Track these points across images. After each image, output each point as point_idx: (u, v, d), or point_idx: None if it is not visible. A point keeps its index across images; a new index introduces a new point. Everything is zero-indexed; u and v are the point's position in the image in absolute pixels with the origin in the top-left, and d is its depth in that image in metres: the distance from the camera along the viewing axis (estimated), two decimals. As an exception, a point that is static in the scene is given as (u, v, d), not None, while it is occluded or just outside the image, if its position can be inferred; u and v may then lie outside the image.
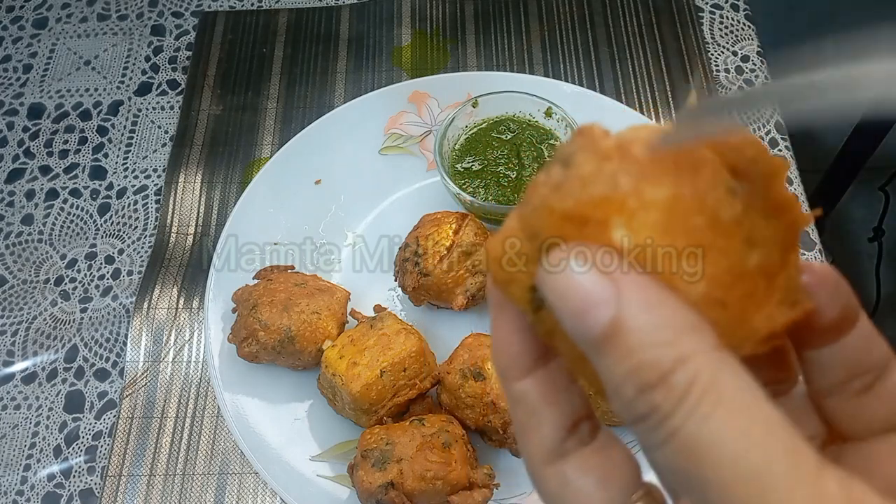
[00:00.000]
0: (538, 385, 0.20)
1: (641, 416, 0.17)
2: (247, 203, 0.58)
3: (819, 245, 0.59)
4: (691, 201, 0.18)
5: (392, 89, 0.64)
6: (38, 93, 0.70)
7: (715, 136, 0.19)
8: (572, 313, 0.17)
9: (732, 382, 0.16)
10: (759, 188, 0.19)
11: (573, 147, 0.19)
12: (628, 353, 0.17)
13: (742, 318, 0.18)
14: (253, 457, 0.47)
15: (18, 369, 0.56)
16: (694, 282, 0.18)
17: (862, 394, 0.21)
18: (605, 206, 0.18)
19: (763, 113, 0.64)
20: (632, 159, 0.18)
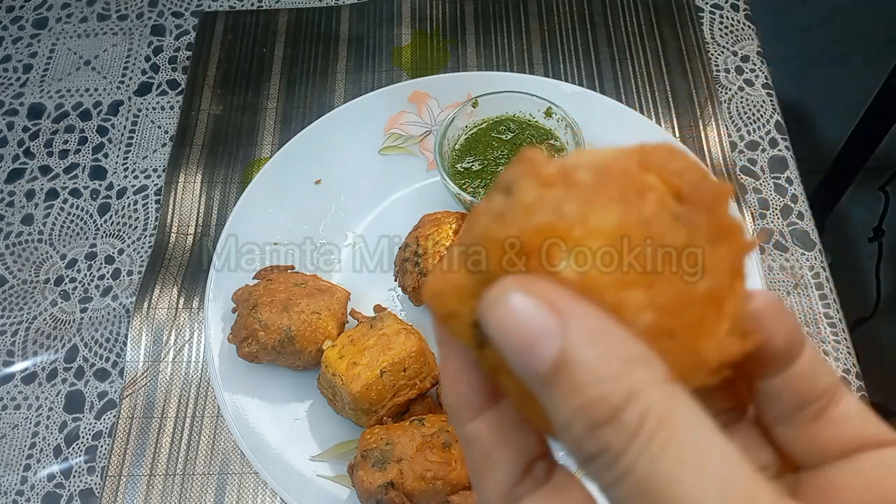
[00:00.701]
0: (490, 426, 0.20)
1: (592, 455, 0.16)
2: (247, 203, 0.58)
3: (819, 245, 0.59)
4: (637, 228, 0.17)
5: (392, 89, 0.64)
6: (38, 93, 0.70)
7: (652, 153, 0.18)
8: (516, 348, 0.17)
9: (685, 417, 0.16)
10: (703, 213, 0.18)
11: (514, 174, 0.18)
12: (576, 389, 0.16)
13: (691, 348, 0.18)
14: (253, 457, 0.47)
15: (18, 369, 0.56)
16: (641, 311, 0.17)
17: (813, 421, 0.21)
18: (549, 235, 0.17)
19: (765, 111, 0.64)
20: (576, 185, 0.18)
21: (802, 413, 0.21)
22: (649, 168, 0.18)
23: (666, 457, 0.15)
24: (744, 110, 0.66)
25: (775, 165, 0.63)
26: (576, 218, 0.17)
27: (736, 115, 0.66)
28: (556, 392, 0.16)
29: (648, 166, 0.18)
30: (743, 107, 0.67)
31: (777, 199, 0.61)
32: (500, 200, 0.18)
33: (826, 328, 0.55)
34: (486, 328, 0.17)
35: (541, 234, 0.17)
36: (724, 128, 0.65)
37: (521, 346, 0.17)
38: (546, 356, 0.16)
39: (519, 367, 0.17)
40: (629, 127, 0.61)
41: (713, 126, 0.65)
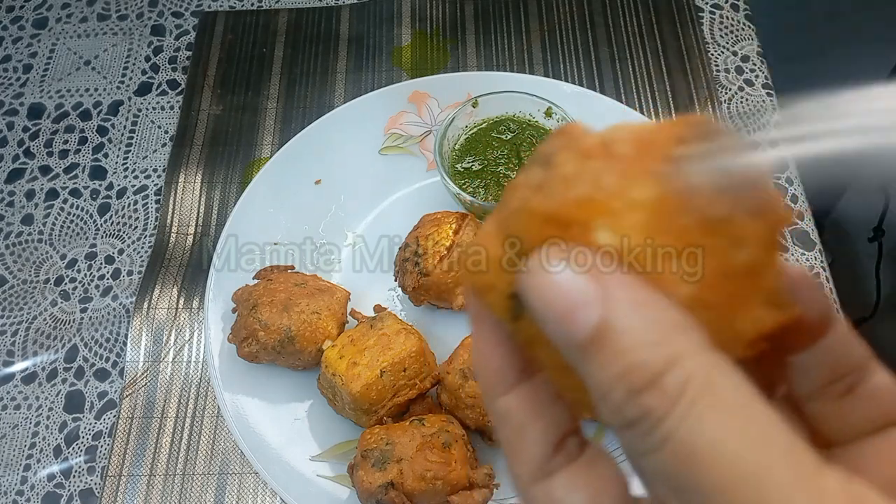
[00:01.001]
0: (523, 400, 0.20)
1: (632, 420, 0.16)
2: (247, 203, 0.58)
3: (819, 245, 0.59)
4: (678, 199, 0.17)
5: (392, 89, 0.64)
6: (38, 93, 0.70)
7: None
8: (557, 317, 0.17)
9: (727, 383, 0.16)
10: (746, 187, 0.18)
11: (553, 147, 0.18)
12: (617, 355, 0.16)
13: (729, 320, 0.18)
14: (253, 457, 0.47)
15: (18, 369, 0.56)
16: (682, 282, 0.17)
17: (844, 396, 0.21)
18: (589, 207, 0.17)
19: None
20: (616, 158, 0.18)
21: (834, 388, 0.21)
22: (688, 141, 0.18)
23: (708, 421, 0.15)
24: (744, 110, 0.66)
25: (776, 165, 0.63)
26: (616, 190, 0.17)
27: (736, 116, 0.66)
28: (595, 359, 0.16)
29: (687, 139, 0.18)
30: (743, 107, 0.67)
31: (777, 199, 0.61)
32: (538, 173, 0.18)
33: (826, 328, 0.55)
34: (526, 297, 0.17)
35: (581, 205, 0.17)
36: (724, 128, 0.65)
37: (561, 314, 0.17)
38: (587, 324, 0.16)
39: (558, 336, 0.17)
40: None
41: (713, 126, 0.65)
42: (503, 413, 0.20)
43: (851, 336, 0.21)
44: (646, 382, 0.16)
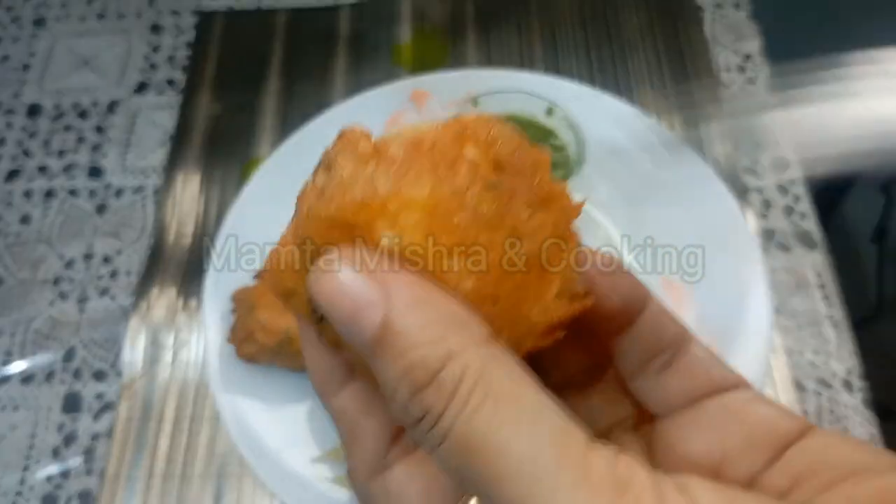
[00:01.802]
0: (353, 397, 0.20)
1: (417, 418, 0.16)
2: (246, 203, 0.57)
3: (821, 246, 0.58)
4: (451, 199, 0.18)
5: (392, 87, 0.63)
6: (35, 92, 0.70)
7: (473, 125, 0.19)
8: (344, 319, 0.17)
9: (500, 374, 0.16)
10: (523, 181, 0.19)
11: (335, 150, 0.19)
12: (399, 355, 0.16)
13: (517, 312, 0.18)
14: (252, 459, 0.47)
15: (16, 370, 0.55)
16: (462, 278, 0.18)
17: (662, 372, 0.21)
18: (367, 210, 0.18)
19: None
20: (389, 160, 0.18)
21: (651, 365, 0.21)
22: (467, 140, 0.19)
23: (482, 412, 0.15)
24: (744, 110, 0.66)
25: (777, 165, 0.63)
26: (389, 191, 0.18)
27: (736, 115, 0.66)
28: (382, 359, 0.17)
29: (466, 138, 0.19)
30: (744, 106, 0.66)
31: (780, 198, 0.61)
32: (321, 177, 0.19)
33: (829, 329, 0.55)
34: (315, 300, 0.18)
35: (358, 208, 0.18)
36: (726, 127, 0.64)
37: (347, 316, 0.17)
38: (370, 324, 0.17)
39: (349, 338, 0.17)
40: (630, 125, 0.60)
41: (715, 125, 0.64)
42: (338, 412, 0.21)
43: (664, 315, 0.22)
44: (425, 380, 0.16)
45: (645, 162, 0.59)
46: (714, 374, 0.21)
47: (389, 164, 0.18)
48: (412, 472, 0.19)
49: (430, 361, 0.16)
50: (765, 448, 0.19)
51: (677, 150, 0.59)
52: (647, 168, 0.59)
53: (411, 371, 0.16)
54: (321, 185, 0.19)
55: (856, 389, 0.53)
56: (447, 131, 0.19)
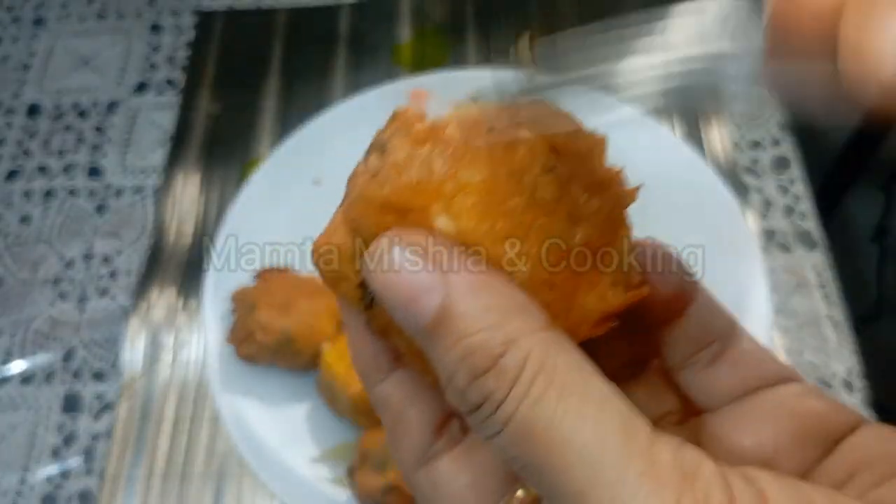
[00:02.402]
0: (399, 385, 0.20)
1: (476, 404, 0.16)
2: (245, 203, 0.57)
3: (822, 245, 0.58)
4: (508, 182, 0.18)
5: (392, 87, 0.63)
6: (35, 92, 0.70)
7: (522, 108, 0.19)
8: (400, 304, 0.17)
9: (563, 361, 0.16)
10: (579, 164, 0.19)
11: (388, 132, 0.19)
12: (458, 340, 0.16)
13: (573, 298, 0.18)
14: (251, 459, 0.47)
15: (16, 370, 0.55)
16: (519, 263, 0.17)
17: (710, 365, 0.21)
18: (423, 193, 0.17)
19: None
20: (445, 142, 0.18)
21: (699, 357, 0.21)
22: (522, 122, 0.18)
23: (545, 401, 0.15)
24: (745, 110, 0.66)
25: (778, 165, 0.63)
26: (446, 174, 0.17)
27: (738, 114, 0.66)
28: (439, 345, 0.16)
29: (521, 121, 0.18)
30: (744, 106, 0.66)
31: (780, 198, 0.61)
32: (374, 159, 0.18)
33: (829, 328, 0.55)
34: (370, 285, 0.17)
35: (414, 191, 0.17)
36: (725, 126, 0.64)
37: (404, 301, 0.17)
38: (428, 309, 0.16)
39: (404, 323, 0.17)
40: (630, 125, 0.60)
41: (715, 124, 0.64)
42: (382, 400, 0.20)
43: (714, 307, 0.21)
44: (485, 365, 0.16)
45: (645, 162, 0.59)
46: (764, 367, 0.21)
47: (445, 146, 0.18)
48: (459, 464, 0.19)
49: (492, 346, 0.16)
50: (817, 442, 0.19)
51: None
52: (647, 167, 0.59)
53: (471, 356, 0.16)
54: (374, 168, 0.18)
55: (856, 389, 0.53)
56: (503, 114, 0.19)
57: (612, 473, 0.14)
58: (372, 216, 0.18)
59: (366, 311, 0.19)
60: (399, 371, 0.20)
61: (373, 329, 0.19)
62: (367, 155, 0.19)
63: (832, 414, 0.20)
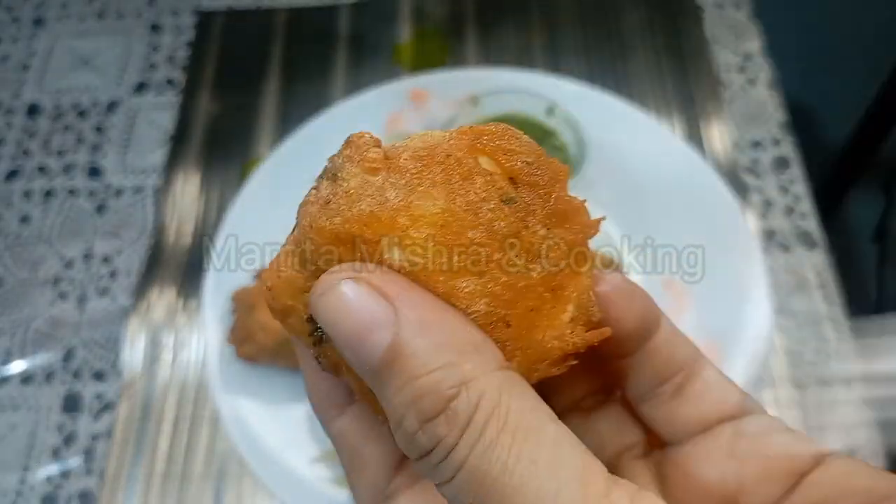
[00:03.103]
0: (355, 421, 0.19)
1: (426, 450, 0.15)
2: (245, 202, 0.57)
3: (822, 245, 0.58)
4: (464, 213, 0.17)
5: (391, 87, 0.63)
6: (35, 92, 0.70)
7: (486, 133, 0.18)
8: (349, 341, 0.16)
9: (517, 404, 0.15)
10: (539, 196, 0.18)
11: (342, 158, 0.18)
12: (408, 380, 0.15)
13: (530, 337, 0.17)
14: (251, 459, 0.47)
15: (17, 370, 0.55)
16: (474, 299, 0.16)
17: (673, 398, 0.21)
18: (375, 224, 0.17)
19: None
20: (400, 170, 0.17)
21: (662, 390, 0.21)
22: (482, 150, 0.18)
23: (498, 446, 0.15)
24: (746, 109, 0.66)
25: (778, 165, 0.63)
26: (399, 205, 0.17)
27: (738, 114, 0.66)
28: (389, 385, 0.16)
29: (481, 149, 0.18)
30: (745, 106, 0.66)
31: (780, 198, 0.61)
32: (326, 187, 0.18)
33: (829, 328, 0.55)
34: (318, 320, 0.17)
35: (366, 222, 0.17)
36: (726, 127, 0.64)
37: (352, 338, 0.16)
38: (378, 347, 0.15)
39: (352, 361, 0.16)
40: (631, 125, 0.60)
41: (715, 125, 0.64)
42: (338, 437, 0.19)
43: (676, 338, 0.21)
44: (437, 409, 0.15)
45: (645, 162, 0.59)
46: (728, 398, 0.20)
47: (400, 175, 0.17)
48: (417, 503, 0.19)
49: (443, 388, 0.15)
50: (783, 477, 0.19)
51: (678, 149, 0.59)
52: (647, 168, 0.59)
53: (422, 399, 0.15)
54: (326, 196, 0.18)
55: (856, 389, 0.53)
56: (462, 140, 0.18)
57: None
58: (322, 247, 0.17)
59: (315, 347, 0.18)
60: (354, 407, 0.19)
61: (323, 366, 0.18)
62: (318, 181, 0.18)
63: (798, 447, 0.19)
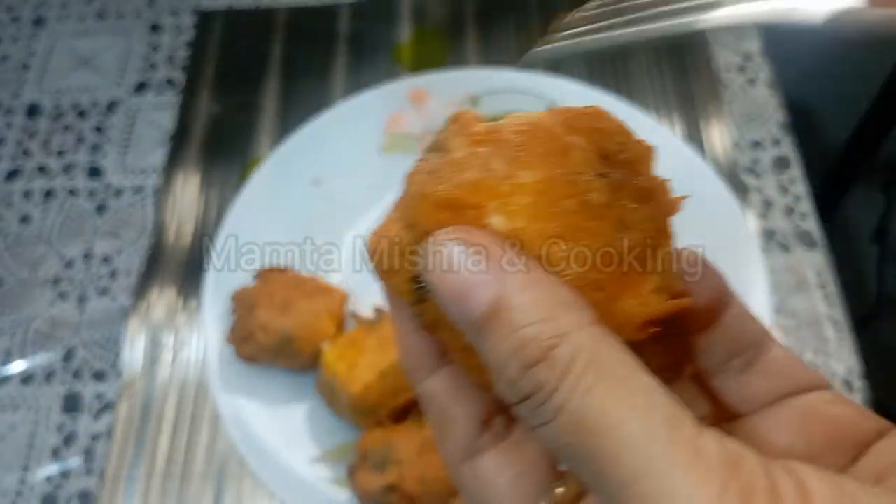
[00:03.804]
0: (445, 382, 0.20)
1: (527, 394, 0.17)
2: (245, 203, 0.57)
3: (822, 245, 0.58)
4: (562, 184, 0.18)
5: (391, 87, 0.63)
6: (35, 92, 0.70)
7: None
8: (454, 297, 0.17)
9: (612, 355, 0.16)
10: (628, 172, 0.19)
11: (447, 133, 0.19)
12: (510, 332, 0.17)
13: (617, 301, 0.18)
14: (251, 459, 0.47)
15: (16, 370, 0.55)
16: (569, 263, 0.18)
17: (743, 371, 0.22)
18: (480, 191, 0.18)
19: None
20: (503, 143, 0.18)
21: (732, 364, 0.22)
22: (575, 129, 0.19)
23: (596, 391, 0.16)
24: (746, 109, 0.66)
25: (778, 165, 0.63)
26: (503, 173, 0.18)
27: (738, 114, 0.66)
28: (491, 336, 0.17)
29: (574, 128, 0.19)
30: (745, 106, 0.66)
31: (780, 198, 0.61)
32: (434, 158, 0.19)
33: (829, 328, 0.55)
34: (426, 279, 0.18)
35: (471, 189, 0.18)
36: (726, 127, 0.64)
37: (458, 294, 0.17)
38: (482, 301, 0.17)
39: (457, 315, 0.18)
40: (630, 125, 0.60)
41: (715, 125, 0.64)
42: (428, 396, 0.21)
43: (747, 314, 0.22)
44: (538, 356, 0.16)
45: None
46: (795, 374, 0.21)
47: (504, 147, 0.18)
48: (502, 460, 0.20)
49: (544, 338, 0.16)
50: (847, 447, 0.20)
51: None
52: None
53: (524, 347, 0.16)
54: (433, 166, 0.19)
55: (856, 389, 0.53)
56: (558, 119, 0.19)
57: (661, 461, 0.15)
58: (429, 212, 0.18)
59: (416, 306, 0.19)
60: (444, 369, 0.21)
61: (422, 324, 0.20)
62: (426, 154, 0.20)
63: (861, 420, 0.20)
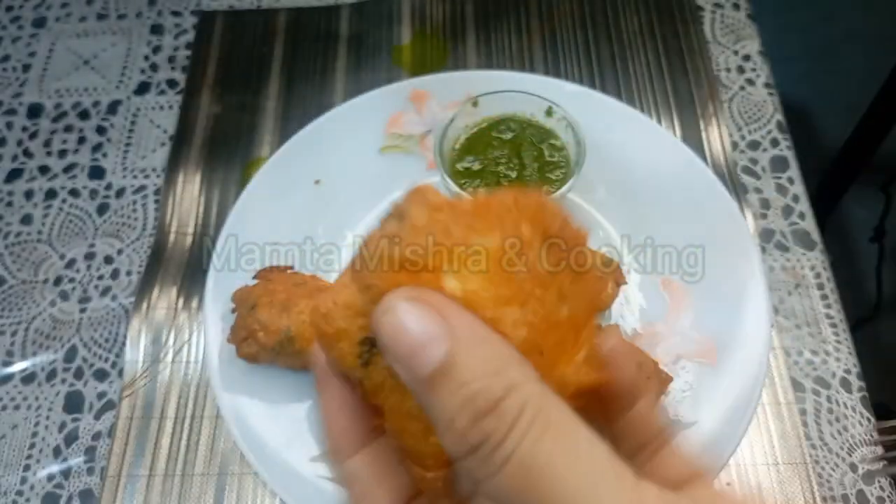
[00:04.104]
0: (369, 461, 0.21)
1: (476, 444, 0.17)
2: (246, 203, 0.58)
3: (820, 245, 0.59)
4: (513, 253, 0.20)
5: (392, 88, 0.64)
6: (36, 92, 0.70)
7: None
8: (405, 354, 0.18)
9: (557, 407, 0.18)
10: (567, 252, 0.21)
11: (407, 203, 0.21)
12: (461, 385, 0.17)
13: (555, 368, 0.20)
14: (252, 458, 0.47)
15: (18, 369, 0.56)
16: (516, 326, 0.19)
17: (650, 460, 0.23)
18: (437, 255, 0.19)
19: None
20: (461, 212, 0.20)
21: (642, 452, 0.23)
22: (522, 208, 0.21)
23: (544, 439, 0.17)
24: (745, 110, 0.66)
25: (777, 165, 0.63)
26: (460, 239, 0.19)
27: (737, 115, 0.66)
28: (441, 391, 0.18)
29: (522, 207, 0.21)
30: (744, 106, 0.66)
31: (778, 198, 0.61)
32: (392, 225, 0.20)
33: (827, 328, 0.55)
34: (378, 336, 0.19)
35: (429, 253, 0.19)
36: (725, 127, 0.64)
37: (409, 351, 0.18)
38: (433, 359, 0.18)
39: (406, 373, 0.18)
40: (630, 126, 0.60)
41: (714, 125, 0.65)
42: (350, 475, 0.21)
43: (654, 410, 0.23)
44: (487, 407, 0.17)
45: (644, 162, 0.59)
46: (688, 469, 0.22)
47: (460, 216, 0.20)
48: None
49: (494, 391, 0.17)
50: None
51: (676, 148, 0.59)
52: (647, 168, 0.59)
53: (474, 399, 0.17)
54: (392, 232, 0.20)
55: (854, 389, 0.53)
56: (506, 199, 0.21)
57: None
58: (386, 274, 0.19)
59: (360, 370, 0.20)
60: (370, 447, 0.21)
61: (363, 391, 0.20)
62: (384, 222, 0.21)
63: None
